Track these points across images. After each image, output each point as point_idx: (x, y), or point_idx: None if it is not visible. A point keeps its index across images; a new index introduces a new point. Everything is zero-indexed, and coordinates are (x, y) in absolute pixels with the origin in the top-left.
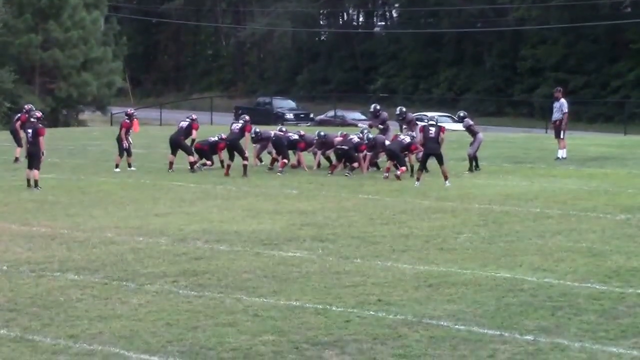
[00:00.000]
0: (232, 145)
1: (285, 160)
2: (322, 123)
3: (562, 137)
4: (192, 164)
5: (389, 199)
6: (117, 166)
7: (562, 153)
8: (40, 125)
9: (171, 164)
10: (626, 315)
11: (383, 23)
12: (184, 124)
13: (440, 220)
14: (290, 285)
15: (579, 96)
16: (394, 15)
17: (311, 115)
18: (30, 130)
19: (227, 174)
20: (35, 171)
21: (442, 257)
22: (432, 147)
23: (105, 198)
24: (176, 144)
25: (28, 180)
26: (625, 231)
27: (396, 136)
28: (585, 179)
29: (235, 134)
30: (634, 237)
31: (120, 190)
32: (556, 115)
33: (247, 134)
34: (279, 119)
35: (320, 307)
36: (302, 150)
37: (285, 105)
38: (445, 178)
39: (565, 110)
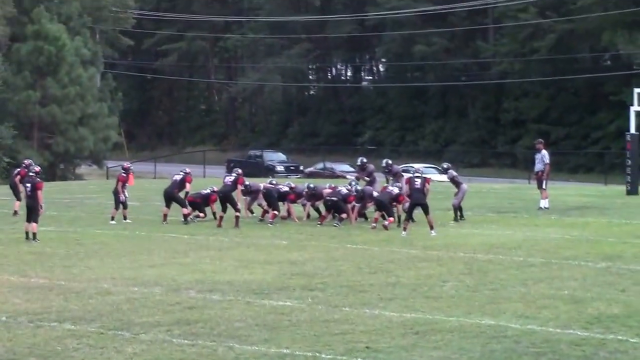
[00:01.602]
0: (225, 197)
1: (276, 212)
2: (311, 175)
3: (544, 187)
4: (185, 216)
5: (376, 248)
6: (112, 218)
7: (544, 203)
8: (39, 179)
9: (165, 216)
10: None
11: (370, 77)
12: (178, 177)
13: (426, 269)
14: (280, 333)
15: (561, 147)
16: (381, 69)
17: (301, 168)
18: (28, 184)
19: (219, 225)
20: (34, 224)
21: (428, 305)
22: (418, 198)
23: (102, 250)
24: (170, 196)
25: (27, 233)
26: (606, 279)
27: (385, 187)
28: (567, 228)
29: (228, 187)
30: (614, 284)
31: (116, 242)
32: (538, 167)
33: (239, 186)
34: (269, 171)
35: (310, 354)
36: (292, 201)
37: (275, 158)
38: (431, 227)
39: (547, 161)
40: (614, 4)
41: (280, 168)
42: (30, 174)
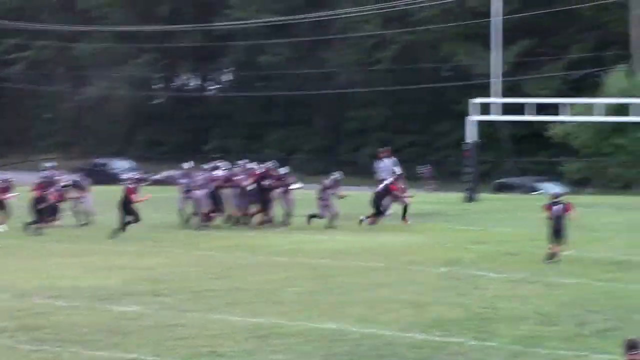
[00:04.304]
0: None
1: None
2: (156, 183)
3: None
4: (31, 224)
5: (222, 254)
6: None
7: (389, 211)
8: None
9: None
10: None
11: (217, 86)
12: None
13: (271, 275)
14: (126, 338)
15: (403, 155)
16: (227, 79)
17: (146, 176)
18: None
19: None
20: None
21: (271, 310)
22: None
23: None
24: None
25: None
26: (445, 283)
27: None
28: (409, 234)
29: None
30: (453, 289)
31: None
32: (383, 175)
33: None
34: (115, 179)
35: (155, 359)
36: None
37: (121, 165)
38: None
39: (398, 171)
40: (454, 16)
41: (126, 176)
42: None
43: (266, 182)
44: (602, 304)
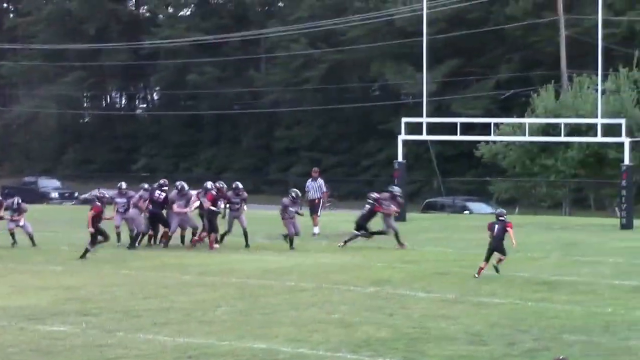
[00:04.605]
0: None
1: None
2: (86, 202)
3: (318, 214)
4: None
5: (151, 273)
6: None
7: (316, 229)
8: None
9: None
10: None
11: (145, 105)
12: None
13: (200, 294)
14: (54, 358)
15: (332, 174)
16: (155, 97)
17: (76, 194)
18: None
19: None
20: None
21: (201, 330)
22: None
23: None
24: None
25: None
26: (375, 303)
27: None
28: (338, 254)
29: None
30: (383, 308)
31: None
32: (314, 194)
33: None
34: (44, 197)
35: None
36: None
37: (50, 184)
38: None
39: (325, 189)
40: (382, 35)
41: (54, 194)
42: None
43: (221, 202)
44: (531, 323)
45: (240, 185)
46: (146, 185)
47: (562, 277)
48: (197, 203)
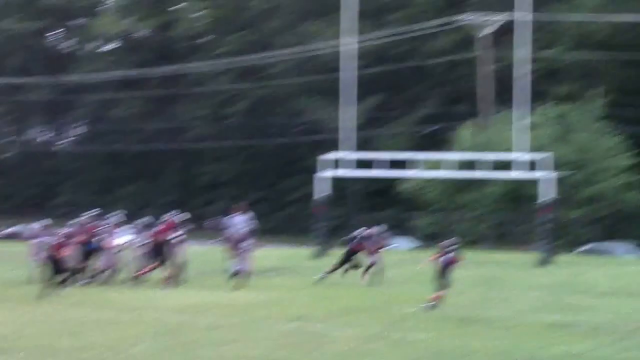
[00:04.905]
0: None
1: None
2: (8, 237)
3: (243, 249)
4: None
5: (70, 310)
6: None
7: (237, 264)
8: None
9: None
10: None
11: (67, 140)
12: None
13: (118, 331)
14: None
15: (254, 210)
16: (78, 133)
17: None
18: None
19: None
20: None
21: None
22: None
23: None
24: None
25: None
26: (296, 339)
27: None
28: (261, 289)
29: None
30: (304, 344)
31: None
32: (238, 230)
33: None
34: None
35: None
36: None
37: None
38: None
39: (251, 224)
40: (306, 71)
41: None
42: None
43: (173, 236)
44: (452, 359)
45: (183, 218)
46: (82, 219)
47: (482, 312)
48: (128, 238)
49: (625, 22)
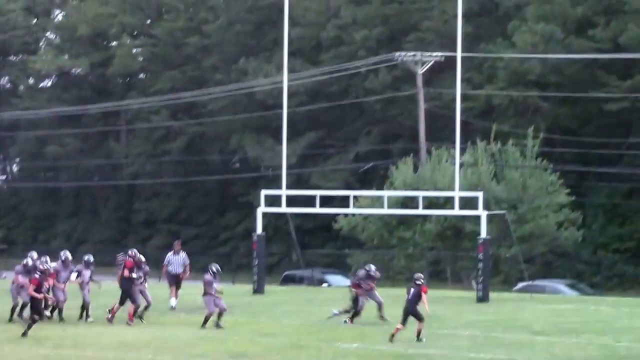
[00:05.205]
0: None
1: None
2: None
3: (179, 287)
4: None
5: (7, 347)
6: None
7: (174, 302)
8: None
9: None
10: None
11: (4, 177)
12: None
13: None
14: None
15: (191, 247)
16: (15, 169)
17: None
18: None
19: None
20: None
21: None
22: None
23: None
24: None
25: None
26: None
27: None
28: (196, 327)
29: None
30: None
31: None
32: (176, 268)
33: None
34: None
35: None
36: None
37: None
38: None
39: (187, 262)
40: (243, 107)
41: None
42: None
43: (139, 273)
44: None
45: (143, 258)
46: (35, 255)
47: (418, 349)
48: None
49: (559, 60)
